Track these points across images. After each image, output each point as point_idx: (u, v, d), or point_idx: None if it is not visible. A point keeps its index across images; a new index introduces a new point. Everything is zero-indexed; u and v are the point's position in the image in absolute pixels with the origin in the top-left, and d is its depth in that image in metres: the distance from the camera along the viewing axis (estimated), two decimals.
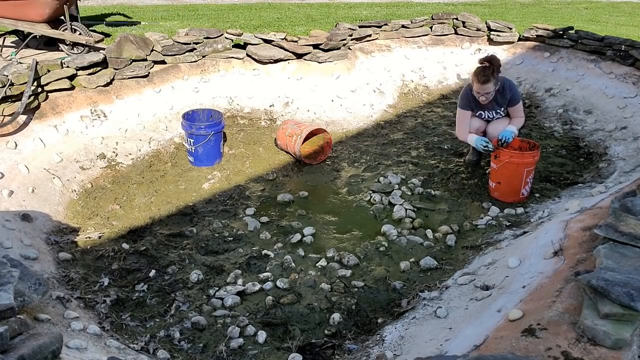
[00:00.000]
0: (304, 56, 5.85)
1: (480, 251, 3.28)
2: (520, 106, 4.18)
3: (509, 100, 4.11)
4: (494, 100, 4.10)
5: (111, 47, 4.94)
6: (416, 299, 2.86)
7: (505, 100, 4.12)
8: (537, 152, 3.90)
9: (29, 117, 4.16)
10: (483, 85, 3.91)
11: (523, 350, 1.73)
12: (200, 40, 5.52)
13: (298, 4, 10.43)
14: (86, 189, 4.03)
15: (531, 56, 6.43)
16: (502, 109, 4.19)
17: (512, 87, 4.12)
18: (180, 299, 2.92)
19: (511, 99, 4.10)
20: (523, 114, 4.20)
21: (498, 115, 4.22)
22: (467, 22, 6.82)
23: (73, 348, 2.21)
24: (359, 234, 3.67)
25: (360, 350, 2.52)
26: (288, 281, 3.08)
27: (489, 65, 3.91)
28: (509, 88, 4.10)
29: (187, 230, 3.63)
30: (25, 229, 3.26)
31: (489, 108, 4.18)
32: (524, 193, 3.97)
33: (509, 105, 4.14)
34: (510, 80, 4.22)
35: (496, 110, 4.19)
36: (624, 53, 5.57)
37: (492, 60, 3.93)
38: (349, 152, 4.93)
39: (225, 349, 2.55)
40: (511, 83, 4.16)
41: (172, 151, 4.74)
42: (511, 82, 4.17)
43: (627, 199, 2.42)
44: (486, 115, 4.24)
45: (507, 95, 4.10)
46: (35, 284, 2.19)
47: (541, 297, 2.09)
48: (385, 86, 6.17)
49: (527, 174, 3.88)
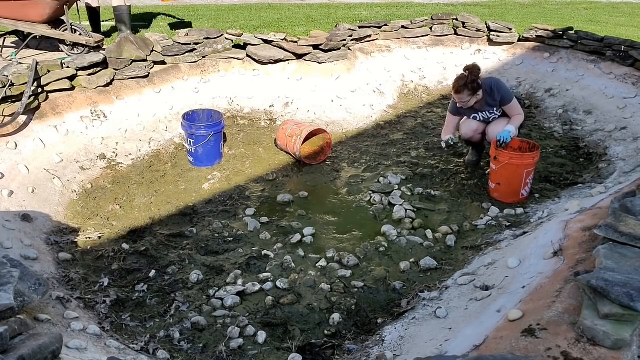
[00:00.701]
0: (304, 57, 5.85)
1: (480, 251, 3.28)
2: (515, 104, 4.14)
3: (500, 100, 4.10)
4: (484, 102, 4.11)
5: (111, 48, 4.94)
6: (416, 299, 2.86)
7: (495, 101, 4.11)
8: (537, 153, 3.90)
9: (29, 117, 4.16)
10: (456, 94, 4.03)
11: (523, 351, 1.73)
12: (200, 40, 5.52)
13: (298, 4, 10.43)
14: (86, 189, 4.03)
15: (531, 57, 6.43)
16: (495, 109, 4.18)
17: (500, 87, 4.09)
18: (180, 299, 2.92)
19: (501, 98, 4.09)
20: (521, 110, 4.17)
21: (494, 116, 4.22)
22: (467, 23, 6.83)
23: (73, 348, 2.21)
24: (359, 234, 3.67)
25: (360, 351, 2.52)
26: (288, 281, 3.08)
27: (467, 75, 3.95)
28: (496, 89, 4.07)
29: (187, 230, 3.63)
30: (25, 229, 3.26)
31: (481, 110, 4.19)
32: (524, 194, 3.98)
33: (501, 104, 4.13)
34: (498, 80, 4.18)
35: (489, 111, 4.19)
36: (624, 53, 5.57)
37: (472, 70, 3.97)
38: (349, 153, 4.93)
39: (225, 349, 2.55)
40: (498, 83, 4.12)
41: (172, 151, 4.74)
42: (498, 82, 4.14)
43: (627, 200, 2.42)
44: (480, 117, 4.25)
45: (496, 96, 4.08)
46: (35, 284, 2.18)
47: (541, 298, 2.09)
48: (385, 87, 6.17)
49: (526, 175, 3.88)
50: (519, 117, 4.15)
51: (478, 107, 4.15)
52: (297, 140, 4.51)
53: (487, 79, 4.10)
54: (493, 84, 4.08)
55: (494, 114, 4.20)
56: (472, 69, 3.97)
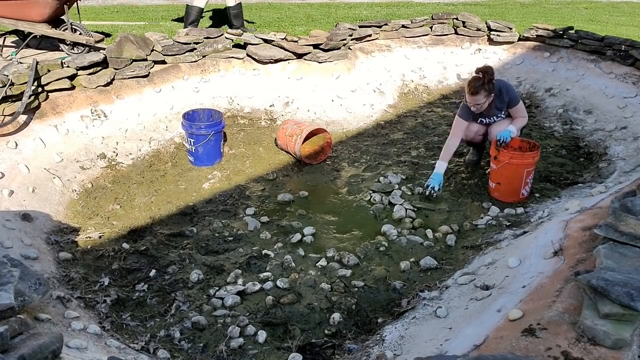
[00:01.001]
0: (304, 56, 5.84)
1: (480, 251, 3.28)
2: (521, 106, 4.17)
3: (508, 102, 4.10)
4: (492, 105, 4.09)
5: (111, 47, 4.94)
6: (416, 298, 2.86)
7: (503, 103, 4.11)
8: (537, 153, 3.90)
9: (29, 117, 4.16)
10: (473, 96, 3.92)
11: (523, 350, 1.73)
12: (201, 40, 5.52)
13: (298, 3, 10.43)
14: (86, 188, 4.03)
15: (531, 56, 6.42)
16: (502, 113, 4.18)
17: (508, 89, 4.10)
18: (180, 299, 2.93)
19: (510, 100, 4.09)
20: (525, 113, 4.18)
21: (499, 119, 4.22)
22: (467, 22, 6.82)
23: (73, 348, 2.21)
24: (359, 233, 3.67)
25: (360, 350, 2.52)
26: (288, 281, 3.08)
27: (482, 76, 3.89)
28: (505, 91, 4.07)
29: (187, 230, 3.63)
30: (25, 228, 3.26)
31: (489, 115, 4.17)
32: (524, 193, 3.98)
33: (508, 107, 4.13)
34: (507, 83, 4.21)
35: (496, 115, 4.18)
36: (624, 53, 5.56)
37: (486, 71, 3.90)
38: (349, 152, 4.93)
39: (225, 349, 2.56)
40: (507, 85, 4.15)
41: (172, 151, 4.74)
42: (507, 84, 4.16)
43: (627, 199, 2.42)
44: (486, 121, 4.24)
45: (505, 98, 4.08)
46: (36, 284, 2.19)
47: (541, 297, 2.09)
48: (385, 86, 6.17)
49: (527, 175, 3.88)
50: (522, 120, 4.14)
51: (486, 112, 4.12)
52: (297, 139, 4.51)
53: (495, 81, 4.04)
54: (502, 86, 4.07)
55: (500, 117, 4.20)
56: (487, 70, 3.90)
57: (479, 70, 3.94)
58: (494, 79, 3.93)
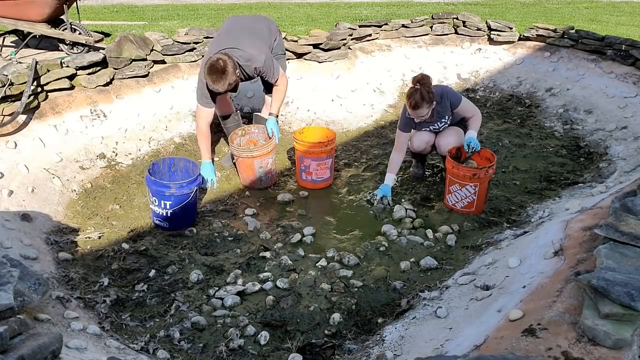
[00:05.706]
0: (304, 56, 5.84)
1: (481, 251, 3.27)
2: (466, 103, 3.93)
3: (451, 105, 3.88)
4: (434, 113, 3.85)
5: (111, 47, 4.94)
6: (416, 298, 2.85)
7: (446, 108, 3.89)
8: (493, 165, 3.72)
9: (29, 117, 4.16)
10: (415, 110, 3.68)
11: (523, 350, 1.73)
12: (200, 39, 5.52)
13: (298, 3, 10.42)
14: (86, 188, 4.02)
15: (531, 56, 6.42)
16: (447, 117, 3.96)
17: (448, 93, 3.88)
18: (180, 299, 2.92)
19: (451, 103, 3.87)
20: (475, 108, 3.97)
21: (444, 125, 4.00)
22: (468, 22, 6.82)
23: (73, 348, 2.20)
24: (359, 233, 3.66)
25: (360, 350, 2.52)
26: (288, 281, 3.08)
27: (419, 87, 3.64)
28: (446, 96, 3.86)
29: (187, 230, 3.62)
30: (25, 228, 3.25)
31: (432, 122, 3.95)
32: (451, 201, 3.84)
33: (452, 109, 3.91)
34: (445, 86, 4.04)
35: (441, 121, 3.96)
36: (625, 53, 5.56)
37: (423, 81, 3.65)
38: (349, 152, 4.93)
39: (225, 349, 2.55)
40: (445, 88, 3.93)
41: (172, 151, 4.74)
42: (445, 88, 3.94)
43: (628, 199, 2.42)
44: (431, 128, 4.03)
45: (446, 104, 3.87)
46: (35, 284, 2.18)
47: (541, 297, 2.09)
48: (386, 86, 6.17)
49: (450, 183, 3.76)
50: (477, 119, 3.94)
51: (429, 119, 3.88)
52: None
53: (434, 87, 3.78)
54: (441, 92, 3.86)
55: (445, 122, 3.98)
56: (423, 80, 3.66)
57: (416, 80, 3.68)
58: (432, 88, 3.69)
